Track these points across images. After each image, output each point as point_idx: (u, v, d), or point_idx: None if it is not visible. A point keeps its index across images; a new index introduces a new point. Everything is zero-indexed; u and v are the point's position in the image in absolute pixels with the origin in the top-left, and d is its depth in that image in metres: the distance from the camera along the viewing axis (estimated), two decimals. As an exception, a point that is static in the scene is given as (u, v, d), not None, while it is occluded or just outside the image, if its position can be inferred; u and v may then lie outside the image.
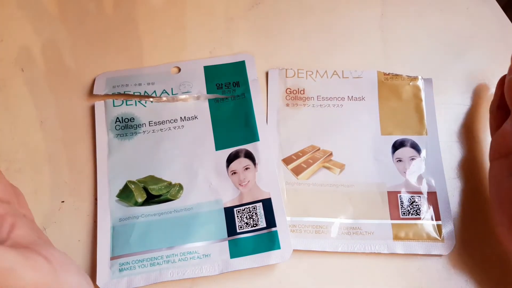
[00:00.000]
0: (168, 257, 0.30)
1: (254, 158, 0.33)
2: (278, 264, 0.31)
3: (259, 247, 0.30)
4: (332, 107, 0.36)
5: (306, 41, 0.39)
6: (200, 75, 0.36)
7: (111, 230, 0.31)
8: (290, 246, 0.30)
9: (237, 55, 0.38)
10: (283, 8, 0.40)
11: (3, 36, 0.38)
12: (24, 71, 0.37)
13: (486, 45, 0.39)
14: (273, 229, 0.31)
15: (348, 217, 0.32)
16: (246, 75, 0.37)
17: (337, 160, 0.34)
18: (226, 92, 0.36)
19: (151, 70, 0.37)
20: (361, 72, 0.37)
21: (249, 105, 0.35)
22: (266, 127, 0.35)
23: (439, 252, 0.31)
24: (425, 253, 0.31)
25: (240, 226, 0.31)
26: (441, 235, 0.31)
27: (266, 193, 0.32)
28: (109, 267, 0.30)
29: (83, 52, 0.38)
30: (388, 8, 0.41)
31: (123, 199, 0.32)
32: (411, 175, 0.33)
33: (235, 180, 0.32)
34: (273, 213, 0.31)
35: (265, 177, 0.32)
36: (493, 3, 0.41)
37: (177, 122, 0.35)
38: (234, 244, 0.30)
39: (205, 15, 0.40)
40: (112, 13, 0.40)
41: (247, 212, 0.31)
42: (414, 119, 0.35)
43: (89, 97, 0.36)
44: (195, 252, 0.30)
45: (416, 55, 0.38)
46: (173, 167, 0.33)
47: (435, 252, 0.31)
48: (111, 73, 0.37)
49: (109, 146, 0.34)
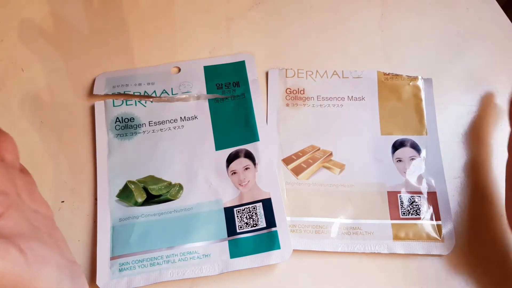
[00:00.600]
0: (168, 257, 0.30)
1: (254, 158, 0.33)
2: (278, 264, 0.31)
3: (259, 247, 0.30)
4: (332, 107, 0.36)
5: (306, 41, 0.39)
6: (200, 75, 0.36)
7: (111, 230, 0.31)
8: (290, 246, 0.30)
9: (237, 55, 0.38)
10: (283, 8, 0.40)
11: (3, 36, 0.38)
12: (24, 71, 0.37)
13: (486, 45, 0.39)
14: (273, 229, 0.31)
15: (348, 217, 0.32)
16: (246, 75, 0.37)
17: (337, 160, 0.34)
18: (226, 92, 0.36)
19: (151, 70, 0.37)
20: (361, 72, 0.37)
21: (249, 105, 0.35)
22: (266, 127, 0.35)
23: (439, 252, 0.31)
24: (425, 253, 0.31)
25: (240, 226, 0.31)
26: (441, 235, 0.31)
27: (266, 193, 0.32)
28: (109, 267, 0.30)
29: (83, 52, 0.38)
30: (388, 8, 0.41)
31: (123, 199, 0.32)
32: (411, 175, 0.33)
33: (235, 180, 0.32)
34: (273, 213, 0.31)
35: (265, 177, 0.32)
36: (493, 3, 0.41)
37: (177, 122, 0.35)
38: (234, 244, 0.30)
39: (205, 15, 0.40)
40: (112, 13, 0.40)
41: (247, 212, 0.31)
42: (414, 119, 0.35)
43: (89, 97, 0.36)
44: (195, 252, 0.30)
45: (416, 55, 0.38)
46: (173, 167, 0.33)
47: (435, 252, 0.31)
48: (111, 73, 0.37)
49: (109, 146, 0.34)
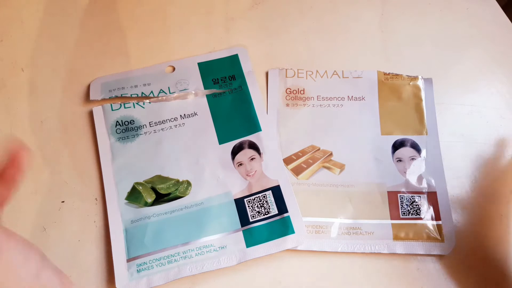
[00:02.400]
0: (185, 253, 0.30)
1: (258, 148, 0.33)
2: (278, 264, 0.31)
3: (274, 234, 0.31)
4: (332, 107, 0.36)
5: (306, 41, 0.39)
6: (195, 72, 0.37)
7: (124, 232, 0.31)
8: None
9: (230, 49, 0.38)
10: (283, 8, 0.40)
11: (3, 36, 0.38)
12: (24, 71, 0.37)
13: (486, 45, 0.39)
14: (285, 215, 0.31)
15: (348, 217, 0.32)
16: (240, 68, 0.37)
17: (337, 160, 0.34)
18: (223, 86, 0.36)
19: (145, 71, 0.37)
20: (361, 72, 0.37)
21: (247, 97, 0.35)
22: (266, 117, 0.35)
23: (439, 252, 0.31)
24: (425, 253, 0.31)
25: (253, 215, 0.31)
26: (441, 235, 0.31)
27: (274, 180, 0.32)
28: (127, 269, 0.30)
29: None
30: (388, 8, 0.41)
31: (132, 201, 0.32)
32: (411, 175, 0.33)
33: (242, 171, 0.33)
34: (283, 199, 0.32)
35: (271, 165, 0.33)
36: (493, 3, 0.41)
37: (177, 120, 0.35)
38: (249, 233, 0.31)
39: (205, 15, 0.40)
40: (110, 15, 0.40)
41: (258, 201, 0.32)
42: (414, 119, 0.35)
43: (86, 102, 0.36)
44: (211, 246, 0.30)
45: (416, 55, 0.38)
46: (179, 165, 0.33)
47: (435, 252, 0.31)
48: (105, 78, 0.36)
49: (112, 150, 0.34)
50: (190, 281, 0.30)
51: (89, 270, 0.30)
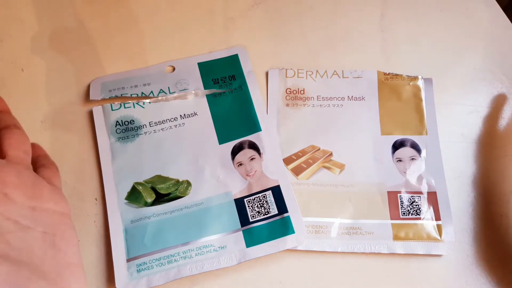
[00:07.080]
0: (185, 253, 0.30)
1: (258, 148, 0.33)
2: (278, 264, 0.31)
3: (274, 234, 0.31)
4: (332, 107, 0.36)
5: (306, 41, 0.39)
6: (195, 72, 0.37)
7: (124, 232, 0.31)
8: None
9: (230, 49, 0.38)
10: (283, 8, 0.40)
11: (3, 36, 0.38)
12: (24, 71, 0.37)
13: (486, 45, 0.39)
14: (285, 215, 0.31)
15: (348, 217, 0.32)
16: (240, 68, 0.37)
17: (337, 160, 0.34)
18: (223, 86, 0.36)
19: (145, 71, 0.37)
20: (361, 72, 0.37)
21: (247, 97, 0.35)
22: (266, 117, 0.35)
23: (439, 252, 0.31)
24: (425, 253, 0.31)
25: (252, 215, 0.31)
26: (441, 235, 0.31)
27: (274, 180, 0.32)
28: (127, 269, 0.30)
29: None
30: (388, 8, 0.41)
31: (132, 201, 0.32)
32: (411, 175, 0.33)
33: (242, 171, 0.33)
34: (283, 199, 0.32)
35: (271, 165, 0.33)
36: (493, 3, 0.41)
37: (177, 120, 0.35)
38: (249, 233, 0.31)
39: (205, 15, 0.40)
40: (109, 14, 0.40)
41: (258, 201, 0.32)
42: (414, 119, 0.35)
43: (86, 102, 0.36)
44: (211, 246, 0.30)
45: (416, 55, 0.38)
46: (178, 165, 0.33)
47: (435, 252, 0.31)
48: (105, 78, 0.36)
49: (112, 150, 0.34)
50: (190, 281, 0.30)
51: (89, 270, 0.30)
